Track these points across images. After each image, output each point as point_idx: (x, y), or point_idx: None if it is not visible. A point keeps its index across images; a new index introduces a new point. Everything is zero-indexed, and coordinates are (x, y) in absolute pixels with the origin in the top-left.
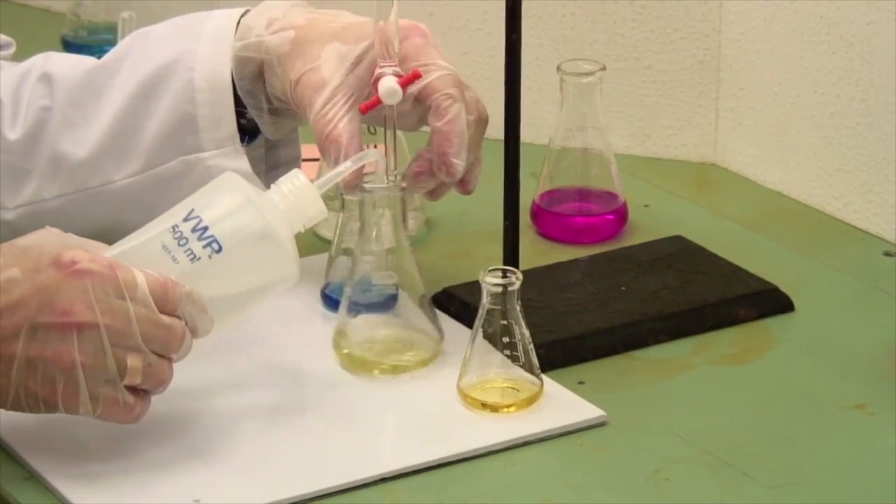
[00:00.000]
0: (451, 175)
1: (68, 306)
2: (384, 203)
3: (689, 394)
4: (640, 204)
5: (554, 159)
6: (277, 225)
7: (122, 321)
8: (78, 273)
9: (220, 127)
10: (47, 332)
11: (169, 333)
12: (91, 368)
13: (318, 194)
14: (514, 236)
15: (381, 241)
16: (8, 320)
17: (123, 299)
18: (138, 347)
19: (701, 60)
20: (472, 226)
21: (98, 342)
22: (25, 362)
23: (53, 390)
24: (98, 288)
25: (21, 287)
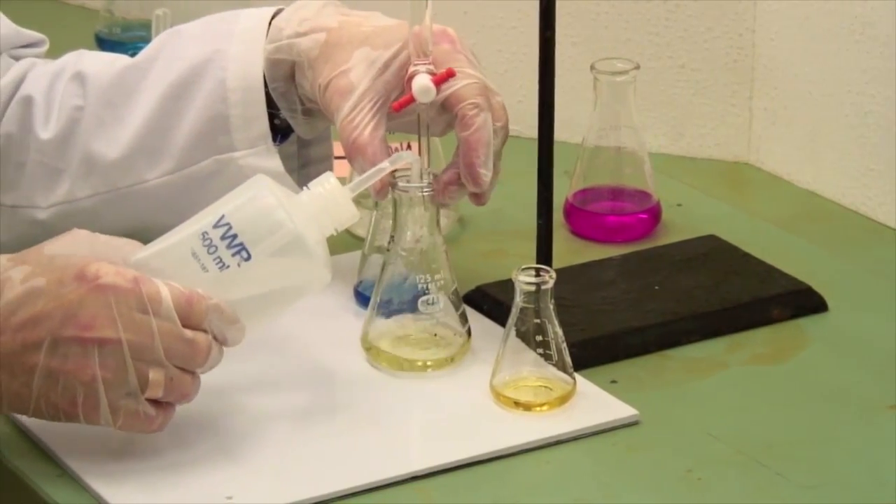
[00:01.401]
0: (478, 185)
1: (91, 321)
2: (418, 202)
3: (722, 393)
4: (674, 203)
5: (587, 158)
6: (307, 231)
7: (145, 336)
8: (101, 288)
9: (252, 127)
10: (69, 345)
11: (192, 348)
12: (112, 382)
13: (349, 197)
14: (547, 235)
15: (415, 239)
16: (31, 332)
17: (146, 314)
18: (160, 362)
19: (735, 59)
20: (505, 224)
21: (120, 357)
22: (46, 374)
23: (74, 402)
24: (121, 302)
25: (44, 299)
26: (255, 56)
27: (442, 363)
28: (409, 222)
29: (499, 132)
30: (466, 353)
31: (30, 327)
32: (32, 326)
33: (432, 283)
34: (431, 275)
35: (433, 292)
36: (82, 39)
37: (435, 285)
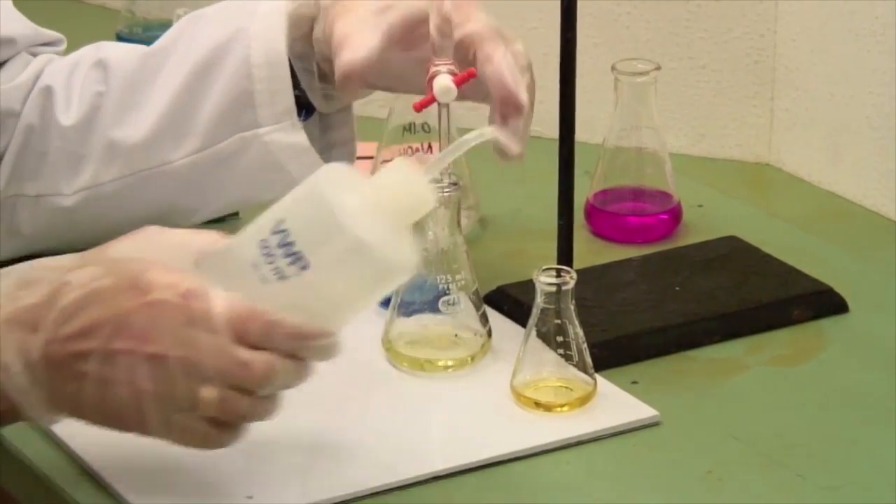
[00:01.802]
0: (520, 109)
1: (140, 334)
2: (440, 202)
3: (742, 394)
4: (695, 204)
5: (608, 158)
6: (373, 230)
7: (193, 352)
8: (151, 304)
9: (276, 102)
10: (118, 357)
11: (245, 369)
12: (161, 397)
13: (424, 182)
14: (568, 235)
15: (435, 240)
16: (83, 342)
17: (195, 329)
18: (211, 380)
19: (756, 60)
20: (526, 224)
21: (167, 373)
22: (98, 384)
23: (124, 415)
24: (169, 318)
25: (100, 307)
26: (279, 32)
27: (462, 363)
28: (429, 222)
29: (524, 71)
30: (487, 354)
31: (82, 337)
32: (85, 336)
33: (453, 283)
34: (452, 275)
35: (454, 292)
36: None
37: (456, 285)
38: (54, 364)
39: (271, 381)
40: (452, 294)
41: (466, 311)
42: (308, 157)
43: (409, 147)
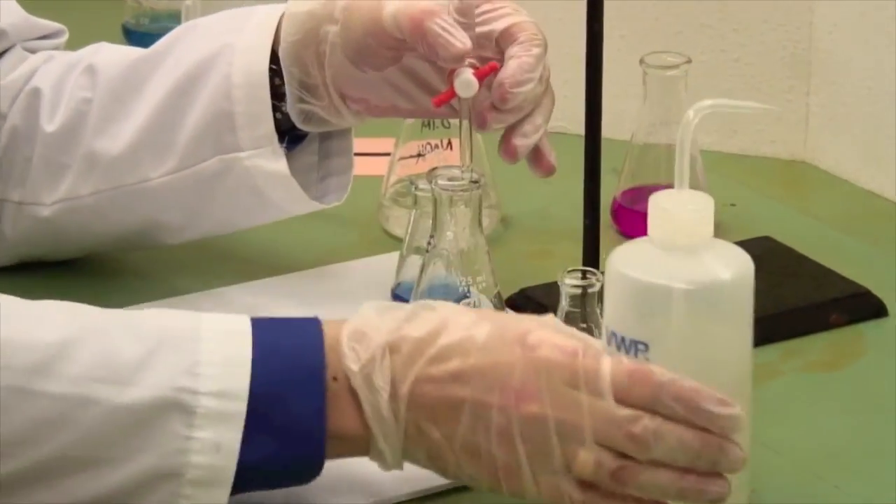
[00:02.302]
0: (503, 101)
1: (519, 391)
2: (460, 200)
3: (777, 402)
4: (727, 203)
5: (636, 155)
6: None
7: (573, 414)
8: (537, 360)
9: (256, 125)
10: (491, 411)
11: (623, 429)
12: (535, 457)
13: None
14: (594, 235)
15: (456, 240)
16: (455, 388)
17: (578, 389)
18: (588, 442)
19: (792, 53)
20: (550, 224)
21: (545, 433)
22: (468, 435)
23: (494, 471)
24: (554, 376)
25: (480, 354)
26: (263, 50)
27: None
28: (449, 221)
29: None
30: None
31: (455, 382)
32: (458, 381)
33: (474, 285)
34: (473, 277)
35: (475, 295)
36: (109, 30)
37: (477, 288)
38: (421, 403)
39: (656, 445)
40: (473, 297)
41: None
42: (287, 186)
43: (428, 143)
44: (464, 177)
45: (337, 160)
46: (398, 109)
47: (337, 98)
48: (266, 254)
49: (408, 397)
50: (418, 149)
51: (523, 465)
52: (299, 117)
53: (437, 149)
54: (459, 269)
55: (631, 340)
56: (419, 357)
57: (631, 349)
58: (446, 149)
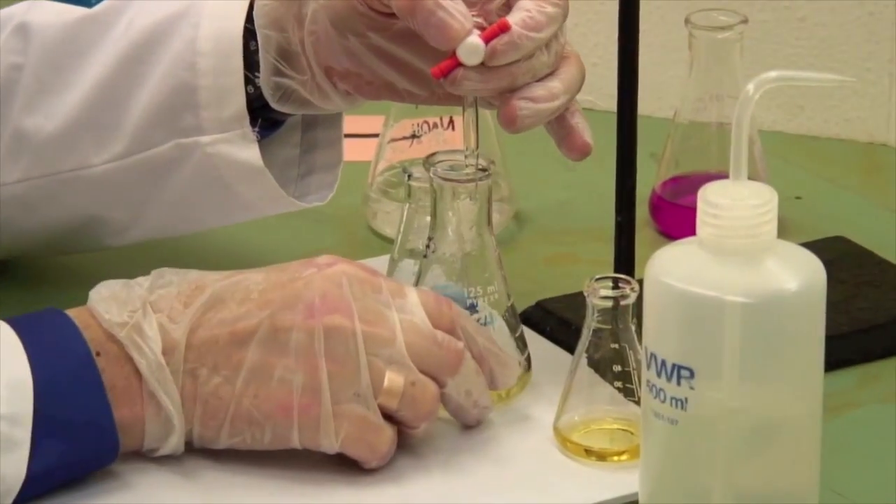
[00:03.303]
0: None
1: (319, 303)
2: (465, 193)
3: (850, 438)
4: (791, 195)
5: (680, 137)
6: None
7: (385, 328)
8: (335, 273)
9: (225, 103)
10: (288, 333)
11: (444, 350)
12: (339, 376)
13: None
14: (628, 235)
15: (459, 241)
16: (239, 324)
17: (388, 308)
18: (401, 360)
19: (871, 12)
20: (574, 221)
21: (351, 347)
22: (258, 369)
23: (288, 403)
24: (357, 288)
25: (261, 288)
26: (237, 11)
27: (494, 400)
28: (451, 219)
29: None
30: (525, 388)
31: (238, 319)
32: (241, 318)
33: (483, 297)
34: (483, 286)
35: (484, 309)
36: None
37: (486, 300)
38: (199, 348)
39: (462, 371)
40: (482, 311)
41: (500, 333)
42: (261, 179)
43: (425, 122)
44: (469, 164)
45: (323, 154)
46: (395, 90)
47: (320, 73)
48: (226, 257)
49: (184, 343)
50: (412, 129)
51: (324, 388)
52: (274, 93)
53: (436, 129)
54: (464, 277)
55: (674, 365)
56: (188, 307)
57: (673, 375)
58: (447, 129)
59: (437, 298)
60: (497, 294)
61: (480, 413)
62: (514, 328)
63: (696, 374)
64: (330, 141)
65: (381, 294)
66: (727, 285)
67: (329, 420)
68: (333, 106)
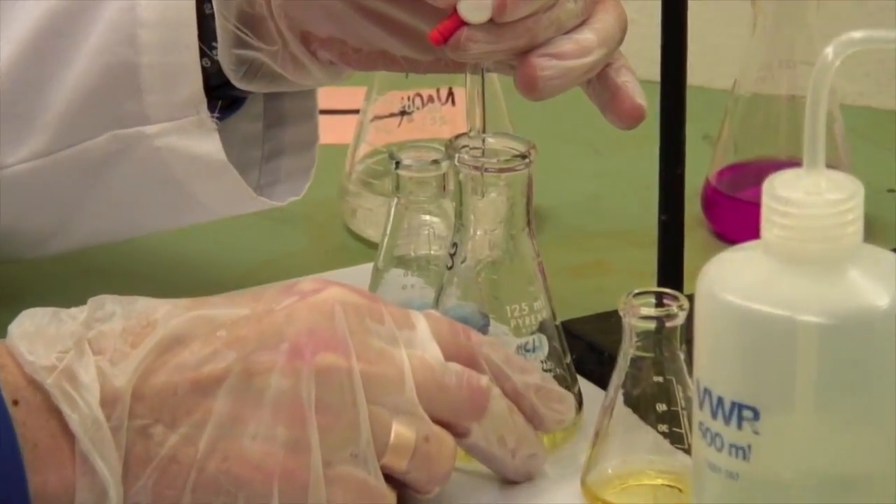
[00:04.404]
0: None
1: (305, 339)
2: (502, 185)
3: None
4: (881, 188)
5: (741, 114)
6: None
7: (390, 367)
8: (326, 300)
9: (175, 85)
10: (267, 378)
11: (463, 390)
12: (333, 433)
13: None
14: (675, 238)
15: (490, 247)
16: (208, 368)
17: (394, 343)
18: (411, 409)
19: None
20: (605, 221)
21: (347, 393)
22: (228, 424)
23: (268, 467)
24: (352, 318)
25: (231, 322)
26: None
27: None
28: (480, 215)
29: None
30: (577, 432)
31: (202, 362)
32: (206, 361)
33: (529, 315)
34: (527, 303)
35: (528, 331)
36: None
37: (532, 319)
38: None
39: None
40: (528, 335)
41: (549, 361)
42: (223, 175)
43: (418, 94)
44: (474, 147)
45: (293, 131)
46: (390, 57)
47: (295, 41)
48: (172, 267)
49: (130, 394)
50: (401, 103)
51: (313, 447)
52: (237, 69)
53: (432, 103)
54: (502, 291)
55: (734, 404)
56: (137, 347)
57: (733, 417)
58: (445, 103)
59: (451, 326)
60: (543, 312)
61: (525, 464)
62: (563, 355)
63: (762, 414)
64: (301, 113)
65: (383, 325)
66: (800, 302)
67: (319, 487)
68: (313, 80)
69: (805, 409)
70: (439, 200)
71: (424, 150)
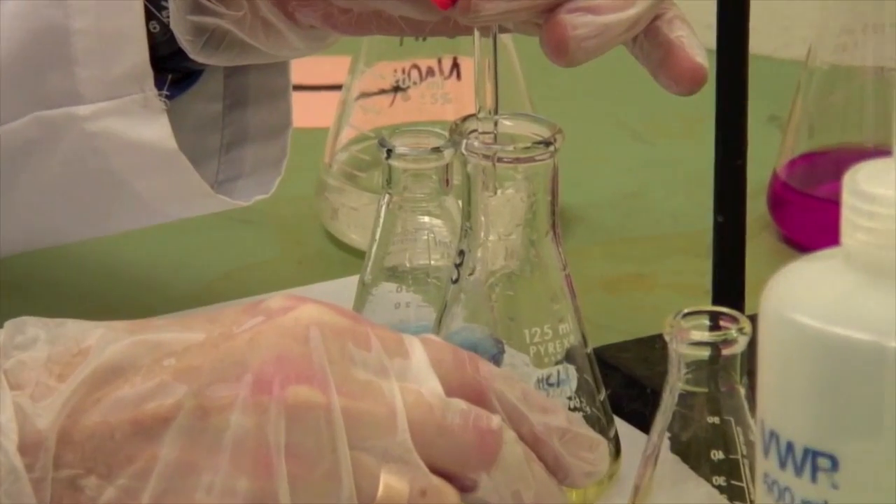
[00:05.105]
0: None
1: (271, 368)
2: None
3: None
4: None
5: (816, 91)
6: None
7: (377, 403)
8: (298, 321)
9: (115, 56)
10: (225, 417)
11: (468, 433)
12: (307, 484)
13: None
14: (734, 244)
15: (497, 256)
16: (152, 406)
17: (384, 374)
18: (404, 455)
19: None
20: (647, 223)
21: (325, 435)
22: (177, 473)
23: None
24: (332, 343)
25: (181, 351)
26: None
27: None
28: (493, 216)
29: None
30: (613, 487)
31: (146, 398)
32: (150, 396)
33: (553, 341)
34: (550, 325)
35: (552, 360)
36: None
37: (559, 345)
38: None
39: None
40: (552, 366)
41: (580, 397)
42: (173, 164)
43: (415, 66)
44: (484, 132)
45: (260, 112)
46: (386, 19)
47: (267, 2)
48: (110, 281)
49: (56, 438)
50: (394, 77)
51: (282, 501)
52: (195, 40)
53: (431, 77)
54: (515, 315)
55: (807, 450)
56: (65, 381)
57: (806, 466)
58: (449, 76)
59: (456, 354)
60: (571, 337)
61: None
62: (596, 390)
63: (842, 464)
64: (271, 90)
65: (370, 352)
66: (889, 324)
67: None
68: (289, 50)
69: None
70: (441, 198)
71: (423, 135)
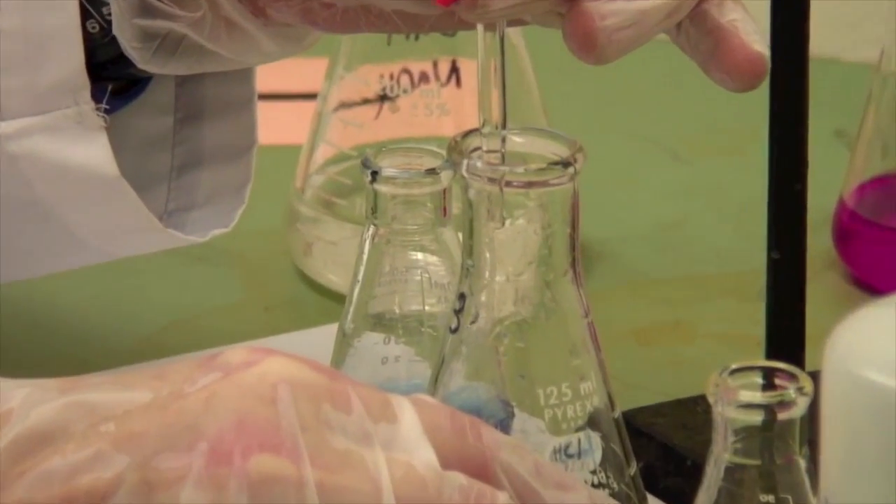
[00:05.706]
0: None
1: (230, 435)
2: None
3: None
4: None
5: (890, 101)
6: None
7: (358, 478)
8: (261, 378)
9: (43, 64)
10: (175, 489)
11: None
12: None
13: None
14: (792, 285)
15: (505, 300)
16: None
17: (367, 442)
18: None
19: None
20: (687, 261)
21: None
22: None
23: None
24: (304, 405)
25: (122, 413)
26: None
27: None
28: (501, 252)
29: None
30: None
31: (79, 470)
32: (85, 468)
33: (573, 402)
34: (569, 384)
35: (574, 425)
36: None
37: (578, 408)
38: None
39: None
40: (571, 433)
41: (606, 473)
42: (113, 193)
43: (405, 70)
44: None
45: (217, 130)
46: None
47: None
48: (37, 332)
49: None
50: (381, 83)
51: None
52: (144, 47)
53: (427, 83)
54: (527, 371)
55: None
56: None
57: None
58: (447, 83)
59: (454, 419)
60: (595, 398)
61: None
62: (625, 462)
63: None
64: (231, 101)
65: (350, 415)
66: None
67: None
68: (258, 54)
69: None
70: (437, 230)
71: (415, 154)
